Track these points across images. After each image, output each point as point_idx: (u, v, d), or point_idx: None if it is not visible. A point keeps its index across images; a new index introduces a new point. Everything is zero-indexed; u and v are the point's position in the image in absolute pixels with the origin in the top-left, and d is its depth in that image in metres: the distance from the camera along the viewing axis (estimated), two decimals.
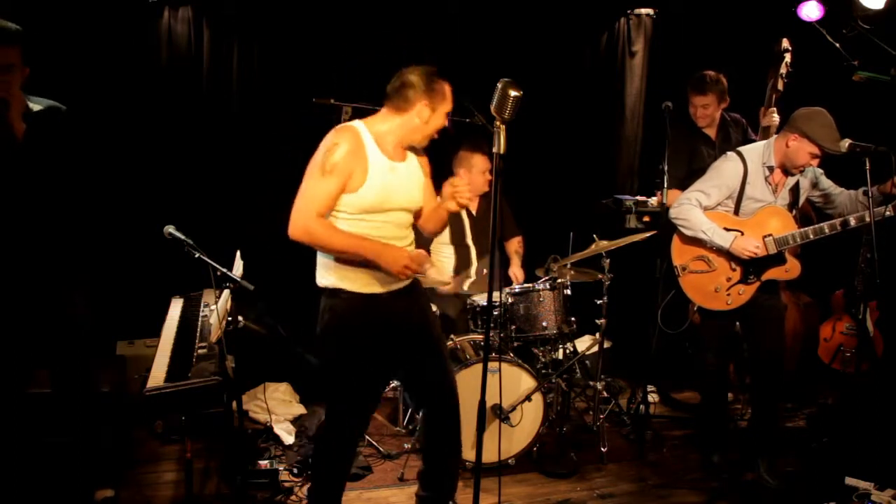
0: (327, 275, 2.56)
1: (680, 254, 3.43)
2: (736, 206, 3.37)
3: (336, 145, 2.44)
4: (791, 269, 3.38)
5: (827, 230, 3.28)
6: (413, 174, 2.65)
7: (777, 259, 3.34)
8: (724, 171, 3.35)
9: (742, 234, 3.33)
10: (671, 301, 4.05)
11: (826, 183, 3.46)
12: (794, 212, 3.40)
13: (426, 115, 2.54)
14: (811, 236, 3.29)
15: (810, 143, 3.18)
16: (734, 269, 3.37)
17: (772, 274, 3.37)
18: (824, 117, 3.21)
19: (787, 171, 3.33)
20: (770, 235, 3.32)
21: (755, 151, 3.36)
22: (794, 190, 3.42)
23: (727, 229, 3.33)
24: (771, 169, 3.31)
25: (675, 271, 3.42)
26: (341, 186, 2.45)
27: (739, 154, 3.36)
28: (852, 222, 3.24)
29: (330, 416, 2.68)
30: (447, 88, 2.57)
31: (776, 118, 3.84)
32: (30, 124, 2.63)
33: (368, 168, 2.47)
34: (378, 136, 2.54)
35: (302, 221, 2.43)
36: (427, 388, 2.78)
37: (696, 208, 3.33)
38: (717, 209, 3.37)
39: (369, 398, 2.69)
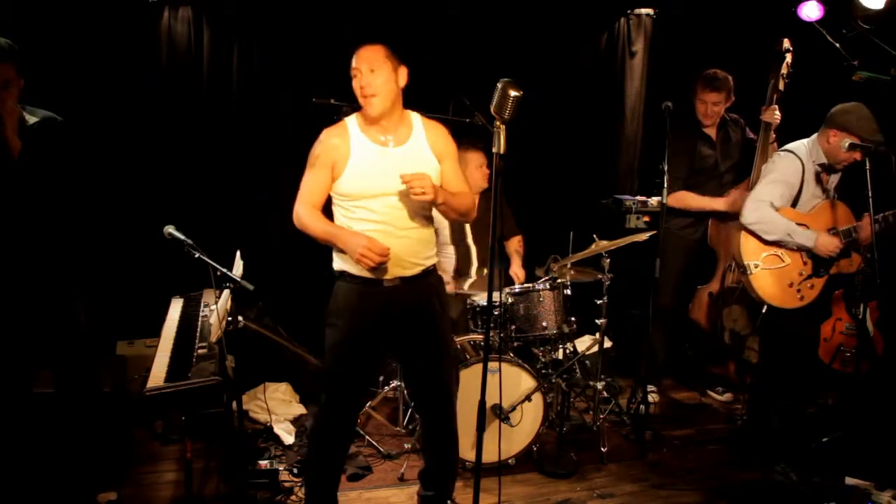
0: (335, 258, 2.64)
1: (750, 251, 3.39)
2: (793, 204, 3.38)
3: (319, 140, 2.58)
4: (854, 261, 3.41)
5: (880, 220, 3.30)
6: (413, 157, 2.58)
7: (843, 252, 3.38)
8: (788, 170, 3.37)
9: (808, 228, 3.35)
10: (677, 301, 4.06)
11: None
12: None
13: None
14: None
15: (850, 136, 3.21)
16: (805, 263, 3.38)
17: (838, 267, 3.41)
18: (862, 110, 3.25)
19: (830, 169, 3.36)
20: (834, 229, 3.34)
21: (802, 150, 3.38)
22: (839, 186, 3.47)
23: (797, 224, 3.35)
24: (823, 166, 3.34)
25: (747, 269, 3.37)
26: (328, 176, 2.54)
27: (793, 153, 3.37)
28: None
29: (320, 408, 2.70)
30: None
31: (777, 114, 3.85)
32: (26, 139, 2.62)
33: (350, 156, 2.53)
34: (364, 123, 2.58)
35: (295, 211, 2.58)
36: (420, 384, 2.78)
37: (773, 210, 3.32)
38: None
39: (357, 384, 2.69)
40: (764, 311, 3.44)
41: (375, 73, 2.49)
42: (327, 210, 2.65)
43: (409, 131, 2.62)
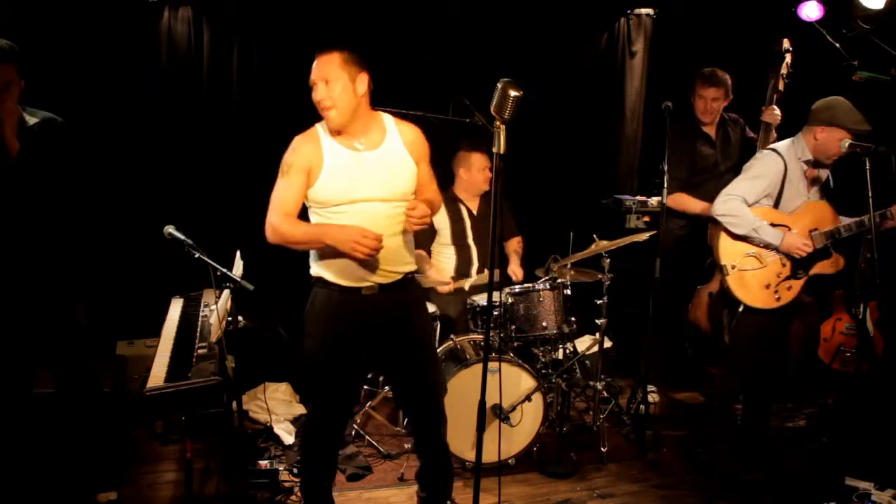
0: (313, 264, 2.58)
1: (729, 252, 3.38)
2: (775, 203, 3.37)
3: (291, 147, 2.50)
4: (836, 262, 3.40)
5: (867, 223, 3.29)
6: (388, 161, 2.53)
7: (823, 253, 3.36)
8: (767, 168, 3.35)
9: (789, 229, 3.34)
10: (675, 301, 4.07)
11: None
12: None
13: None
14: (854, 230, 3.30)
15: (838, 129, 3.22)
16: (784, 265, 3.36)
17: (818, 268, 3.39)
18: (843, 102, 3.25)
19: (818, 165, 3.35)
20: (816, 229, 3.34)
21: (788, 148, 3.38)
22: (826, 188, 3.45)
23: (774, 224, 3.33)
24: (809, 163, 3.34)
25: (724, 270, 3.37)
26: (302, 183, 2.47)
27: (776, 151, 3.37)
28: (889, 214, 3.25)
29: (309, 412, 2.70)
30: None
31: (778, 114, 3.85)
32: (25, 140, 2.62)
33: (323, 162, 2.47)
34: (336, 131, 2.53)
35: (268, 222, 2.48)
36: (406, 391, 2.76)
37: (743, 204, 3.31)
38: (759, 205, 3.37)
39: (342, 393, 2.64)
40: (741, 309, 3.42)
41: (331, 84, 2.43)
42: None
43: (382, 135, 2.56)
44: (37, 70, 2.74)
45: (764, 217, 3.33)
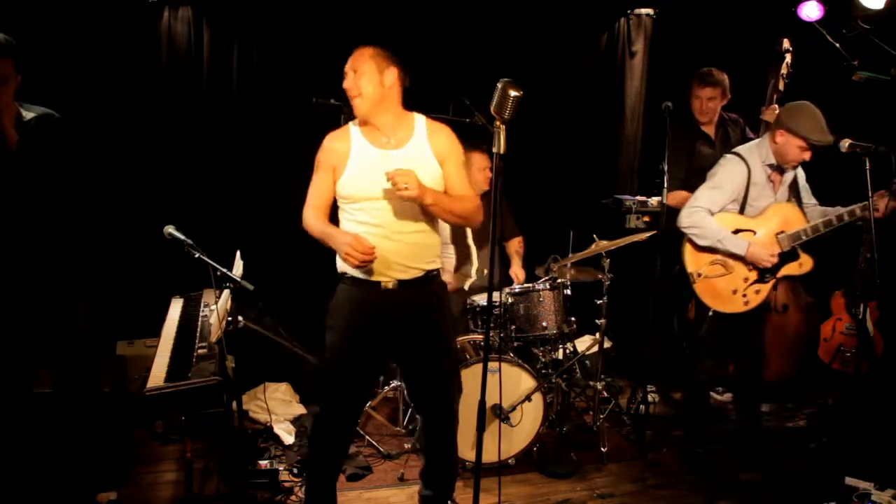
0: (338, 259, 2.63)
1: (694, 260, 3.38)
2: (741, 208, 3.36)
3: (322, 145, 2.61)
4: (804, 263, 3.38)
5: (835, 222, 3.28)
6: (414, 160, 2.54)
7: (791, 255, 3.35)
8: (730, 174, 3.34)
9: (755, 233, 3.32)
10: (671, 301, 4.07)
11: (804, 191, 3.48)
12: (801, 208, 3.42)
13: None
14: (822, 229, 3.29)
15: (795, 137, 3.19)
16: (751, 270, 3.36)
17: (787, 270, 3.38)
18: (808, 110, 3.22)
19: (780, 169, 3.34)
20: (782, 232, 3.32)
21: (752, 151, 3.36)
22: (794, 187, 3.43)
23: (739, 230, 3.32)
24: (773, 167, 3.32)
25: (690, 278, 3.37)
26: (329, 180, 2.58)
27: (739, 155, 3.36)
28: (858, 212, 3.24)
29: (319, 408, 2.71)
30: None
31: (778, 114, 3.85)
32: (23, 134, 2.62)
33: (349, 159, 2.55)
34: (364, 126, 2.60)
35: (304, 211, 2.62)
36: (420, 388, 2.77)
37: (708, 215, 3.30)
38: (724, 210, 3.36)
39: (355, 386, 2.67)
40: (710, 314, 3.41)
41: (358, 73, 2.53)
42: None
43: (410, 133, 2.59)
44: (37, 69, 2.74)
45: (729, 224, 3.32)
